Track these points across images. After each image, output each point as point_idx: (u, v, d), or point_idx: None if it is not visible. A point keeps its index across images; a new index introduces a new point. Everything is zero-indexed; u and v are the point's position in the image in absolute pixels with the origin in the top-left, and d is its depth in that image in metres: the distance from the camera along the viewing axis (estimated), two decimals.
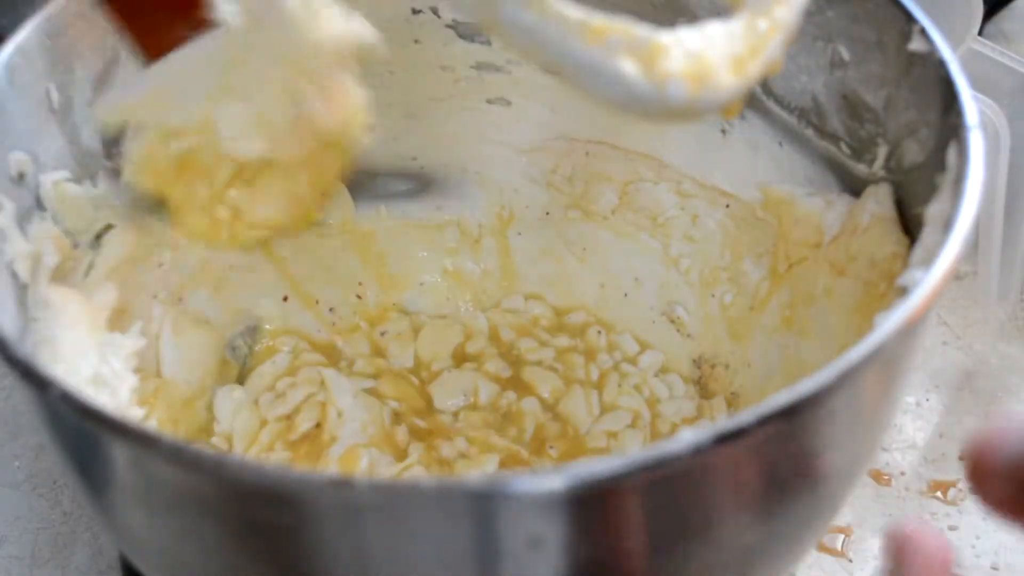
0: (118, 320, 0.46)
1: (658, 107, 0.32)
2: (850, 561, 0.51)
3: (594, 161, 0.55)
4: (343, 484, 0.28)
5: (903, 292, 0.34)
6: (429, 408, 0.54)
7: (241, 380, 0.55)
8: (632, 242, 0.56)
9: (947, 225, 0.34)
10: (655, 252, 0.56)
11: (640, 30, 0.31)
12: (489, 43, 0.53)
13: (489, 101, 0.55)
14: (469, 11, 0.33)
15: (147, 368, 0.49)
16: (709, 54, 0.32)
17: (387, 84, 0.54)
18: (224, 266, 0.54)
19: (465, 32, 0.52)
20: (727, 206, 0.52)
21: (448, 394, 0.54)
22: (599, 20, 0.31)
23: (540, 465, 0.51)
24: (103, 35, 0.43)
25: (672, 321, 0.56)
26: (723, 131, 0.50)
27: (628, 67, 0.31)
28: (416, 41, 0.53)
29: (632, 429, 0.53)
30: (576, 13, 0.31)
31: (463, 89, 0.54)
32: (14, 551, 0.52)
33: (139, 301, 0.49)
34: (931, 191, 0.37)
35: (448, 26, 0.52)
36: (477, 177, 0.58)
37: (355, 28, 0.38)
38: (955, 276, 0.61)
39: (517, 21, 0.31)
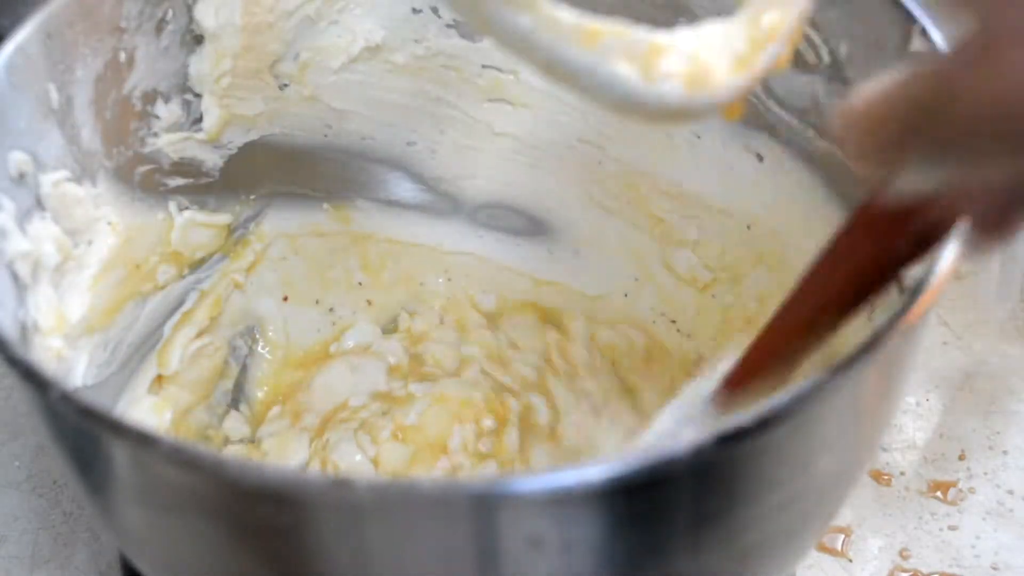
0: (111, 318, 0.47)
1: (655, 109, 0.32)
2: (850, 561, 0.51)
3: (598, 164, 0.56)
4: (343, 484, 0.28)
5: (903, 291, 0.34)
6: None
7: (241, 381, 0.55)
8: (632, 242, 0.56)
9: None
10: (655, 252, 0.56)
11: (635, 32, 0.31)
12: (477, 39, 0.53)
13: (491, 100, 0.55)
14: (463, 13, 0.33)
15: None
16: (707, 54, 0.31)
17: (387, 83, 0.54)
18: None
19: (466, 32, 0.53)
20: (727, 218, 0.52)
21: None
22: (593, 23, 0.31)
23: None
24: (103, 35, 0.44)
25: (673, 321, 0.56)
26: (759, 156, 0.50)
27: (623, 70, 0.31)
28: (416, 40, 0.53)
29: None
30: (569, 17, 0.31)
31: (465, 88, 0.54)
32: (14, 551, 0.52)
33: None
34: None
35: (449, 25, 0.52)
36: (479, 175, 0.58)
37: None
38: (955, 276, 0.61)
39: (509, 25, 0.31)
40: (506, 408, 0.54)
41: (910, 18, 0.39)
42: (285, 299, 0.57)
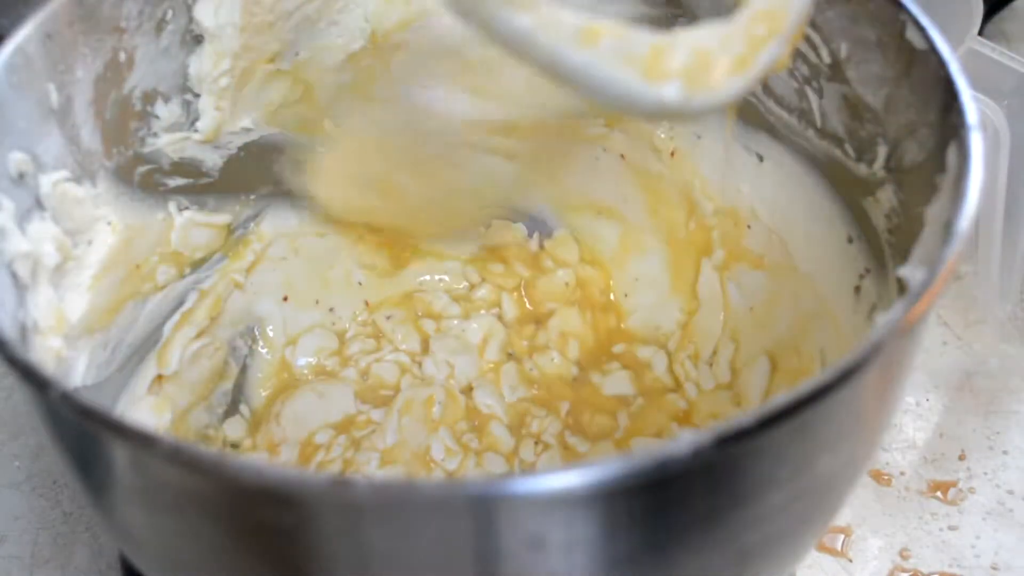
0: (111, 318, 0.47)
1: (655, 109, 0.32)
2: (850, 561, 0.51)
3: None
4: (343, 484, 0.28)
5: (903, 291, 0.34)
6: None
7: (241, 381, 0.55)
8: (632, 240, 0.56)
9: (947, 225, 0.34)
10: (656, 252, 0.56)
11: (635, 33, 0.31)
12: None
13: None
14: (463, 14, 0.33)
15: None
16: (707, 55, 0.31)
17: (387, 83, 0.54)
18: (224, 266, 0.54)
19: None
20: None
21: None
22: (593, 24, 0.31)
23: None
24: (103, 35, 0.44)
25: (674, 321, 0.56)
26: (759, 156, 0.50)
27: (623, 71, 0.31)
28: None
29: None
30: (570, 18, 0.31)
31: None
32: (14, 551, 0.52)
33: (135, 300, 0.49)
34: (931, 191, 0.37)
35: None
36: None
37: None
38: (955, 276, 0.60)
39: (510, 27, 0.31)
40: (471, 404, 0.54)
41: (910, 18, 0.39)
42: (285, 299, 0.57)
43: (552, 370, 0.55)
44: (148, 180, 0.48)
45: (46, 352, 0.40)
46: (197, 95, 0.49)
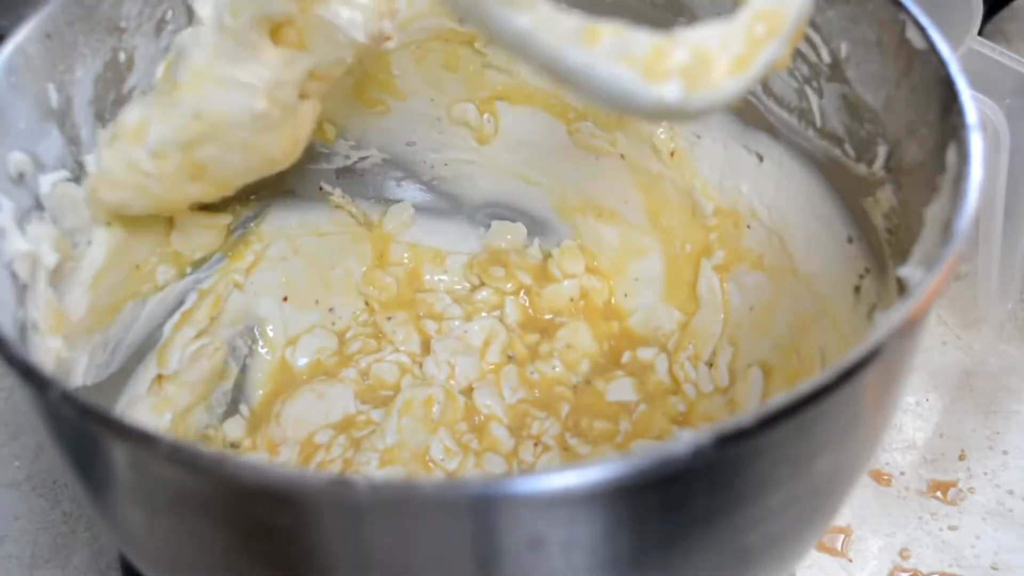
0: (111, 318, 0.47)
1: (655, 109, 0.32)
2: (850, 561, 0.51)
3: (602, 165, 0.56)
4: (343, 484, 0.28)
5: (903, 291, 0.34)
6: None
7: (240, 381, 0.55)
8: (632, 242, 0.56)
9: (947, 225, 0.34)
10: (656, 252, 0.56)
11: (635, 33, 0.31)
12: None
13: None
14: (463, 14, 0.33)
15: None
16: (706, 55, 0.31)
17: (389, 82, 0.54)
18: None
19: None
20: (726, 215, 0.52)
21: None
22: (592, 24, 0.31)
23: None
24: (103, 35, 0.44)
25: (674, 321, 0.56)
26: (759, 156, 0.50)
27: (622, 71, 0.31)
28: (417, 44, 0.53)
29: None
30: (569, 18, 0.31)
31: (467, 88, 0.55)
32: (14, 551, 0.52)
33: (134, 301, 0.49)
34: (931, 191, 0.37)
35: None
36: (479, 175, 0.58)
37: None
38: (955, 276, 0.61)
39: (509, 25, 0.31)
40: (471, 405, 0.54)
41: (910, 18, 0.39)
42: (285, 299, 0.57)
43: (553, 375, 0.55)
44: None
45: (46, 352, 0.40)
46: None
